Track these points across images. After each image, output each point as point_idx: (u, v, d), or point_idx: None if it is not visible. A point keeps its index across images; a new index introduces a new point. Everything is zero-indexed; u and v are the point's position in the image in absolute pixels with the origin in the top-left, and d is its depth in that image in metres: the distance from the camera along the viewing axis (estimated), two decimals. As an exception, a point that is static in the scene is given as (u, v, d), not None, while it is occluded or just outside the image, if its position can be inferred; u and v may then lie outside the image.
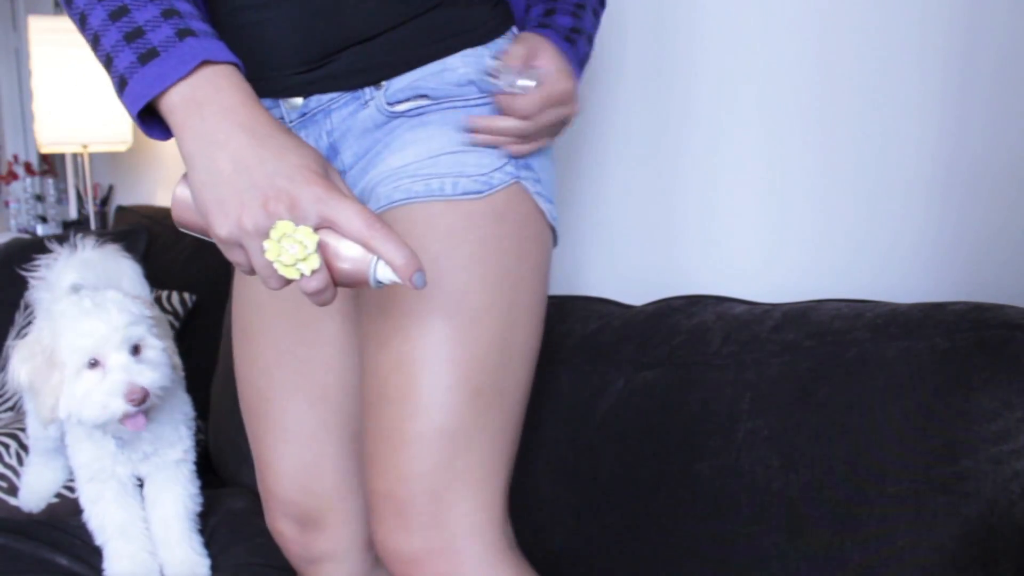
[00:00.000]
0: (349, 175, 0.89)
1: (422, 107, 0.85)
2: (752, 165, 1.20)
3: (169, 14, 0.69)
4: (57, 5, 3.78)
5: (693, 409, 1.00)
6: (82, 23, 0.73)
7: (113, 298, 1.20)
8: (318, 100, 0.87)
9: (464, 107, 0.86)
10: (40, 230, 3.43)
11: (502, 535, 0.85)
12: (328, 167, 0.69)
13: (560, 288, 1.45)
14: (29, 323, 1.67)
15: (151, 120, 0.71)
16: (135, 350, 1.18)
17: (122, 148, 2.84)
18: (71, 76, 2.67)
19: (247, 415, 1.03)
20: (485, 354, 0.82)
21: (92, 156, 3.24)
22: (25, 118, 4.54)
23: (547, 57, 0.86)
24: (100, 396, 1.14)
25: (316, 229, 0.65)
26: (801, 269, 1.16)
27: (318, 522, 1.00)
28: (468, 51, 0.86)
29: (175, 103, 0.67)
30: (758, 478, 0.92)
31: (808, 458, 0.89)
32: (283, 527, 1.02)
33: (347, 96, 0.86)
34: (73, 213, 3.51)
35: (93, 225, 3.19)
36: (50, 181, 3.59)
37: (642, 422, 1.05)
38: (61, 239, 1.51)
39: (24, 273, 1.42)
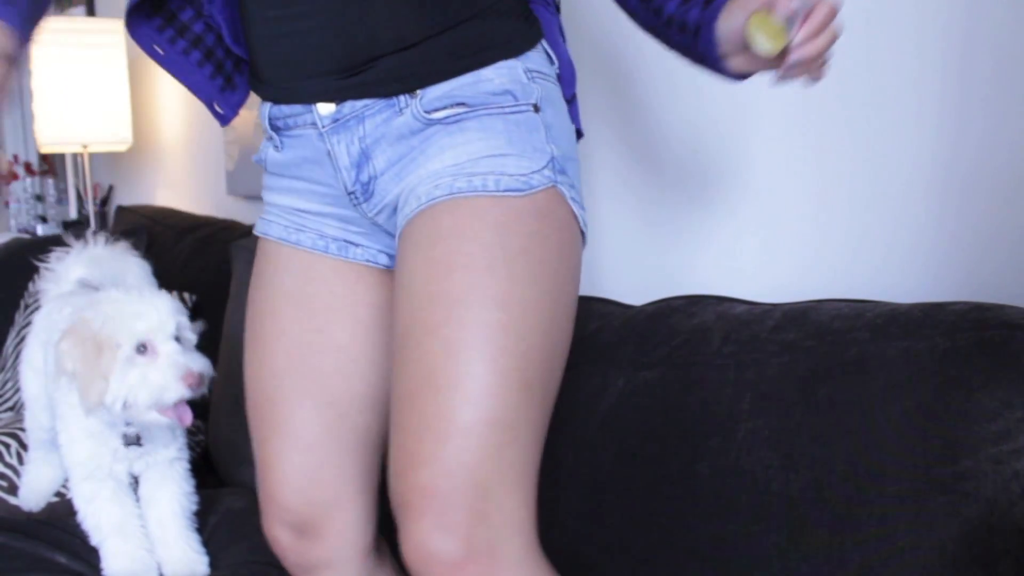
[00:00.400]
0: (380, 180, 0.90)
1: (459, 114, 0.87)
2: (752, 165, 1.20)
3: None
4: (57, 5, 3.78)
5: (693, 409, 1.00)
6: None
7: (158, 291, 1.24)
8: (352, 106, 0.89)
9: (501, 114, 0.87)
10: (40, 230, 3.43)
11: (537, 537, 0.83)
12: None
13: (560, 288, 1.45)
14: (28, 323, 1.67)
15: None
16: (178, 339, 1.20)
17: (122, 148, 2.84)
18: (71, 76, 2.67)
19: (253, 418, 1.02)
20: (535, 347, 0.82)
21: (92, 156, 3.24)
22: (25, 118, 4.53)
23: None
24: (158, 379, 1.16)
25: None
26: (801, 269, 1.16)
27: (315, 530, 1.00)
28: (501, 63, 0.88)
29: None
30: (758, 478, 0.92)
31: (808, 458, 0.89)
32: (279, 534, 1.01)
33: (381, 103, 0.88)
34: (73, 213, 3.50)
35: (93, 225, 3.19)
36: (50, 181, 3.58)
37: (642, 422, 1.05)
38: (77, 235, 1.52)
39: (37, 263, 1.44)
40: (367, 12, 0.85)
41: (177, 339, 1.20)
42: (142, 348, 1.17)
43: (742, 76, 0.87)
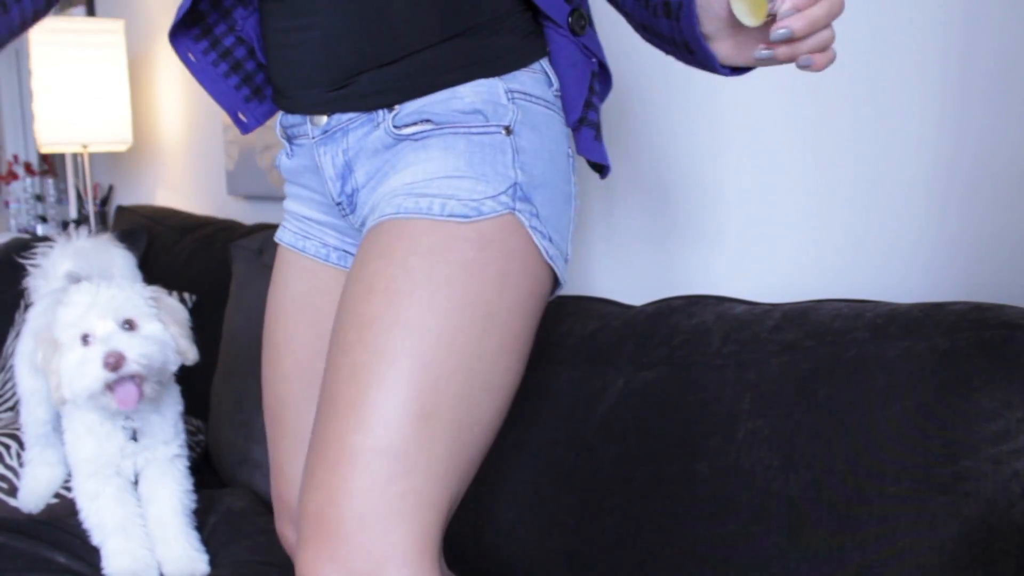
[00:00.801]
0: (361, 193, 0.91)
1: (425, 131, 0.86)
2: (752, 165, 1.20)
3: None
4: (57, 5, 3.78)
5: (693, 409, 1.00)
6: None
7: (112, 281, 1.23)
8: (338, 119, 0.90)
9: (466, 133, 0.85)
10: (40, 230, 3.43)
11: (434, 566, 0.79)
12: None
13: (560, 288, 1.45)
14: (24, 321, 1.67)
15: None
16: (129, 325, 1.20)
17: (122, 148, 2.84)
18: (71, 76, 2.67)
19: (267, 420, 1.05)
20: (445, 379, 0.79)
21: (92, 156, 3.24)
22: (25, 118, 4.54)
23: None
24: (82, 364, 1.16)
25: None
26: (801, 269, 1.16)
27: None
28: (481, 81, 0.87)
29: None
30: (758, 478, 0.92)
31: (808, 458, 0.89)
32: (290, 533, 1.03)
33: (363, 117, 0.89)
34: (73, 213, 3.50)
35: (93, 225, 3.19)
36: (50, 181, 3.58)
37: (642, 422, 1.05)
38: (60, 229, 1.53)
39: (22, 261, 1.45)
40: (354, 28, 0.86)
41: (132, 324, 1.20)
42: (86, 339, 1.18)
43: (736, 70, 0.80)
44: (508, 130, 0.86)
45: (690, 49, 0.80)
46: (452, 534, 1.20)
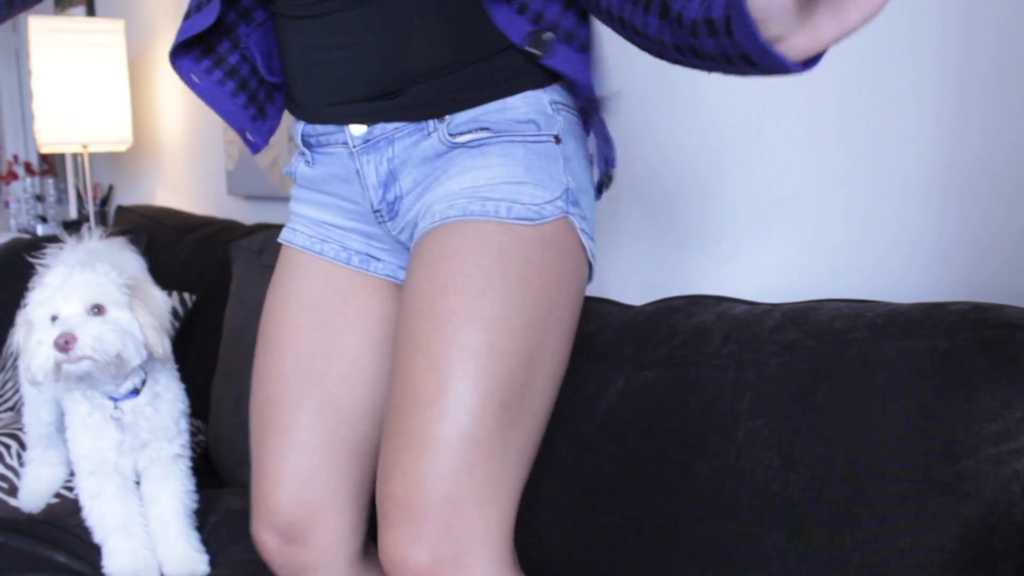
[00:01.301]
0: (405, 200, 0.94)
1: (483, 139, 0.89)
2: (752, 165, 1.20)
3: None
4: (57, 5, 3.78)
5: (693, 409, 1.00)
6: None
7: (94, 263, 1.23)
8: (383, 128, 0.92)
9: (523, 141, 0.90)
10: (40, 230, 3.43)
11: (510, 553, 0.86)
12: None
13: (560, 288, 1.45)
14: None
15: None
16: (98, 310, 1.19)
17: (122, 148, 2.84)
18: (71, 76, 2.68)
19: (254, 418, 1.04)
20: (516, 370, 0.84)
21: (92, 156, 3.24)
22: (25, 118, 4.54)
23: None
24: (38, 344, 1.17)
25: None
26: (801, 269, 1.16)
27: (304, 534, 1.00)
28: (528, 92, 0.90)
29: None
30: (758, 478, 0.92)
31: (808, 458, 0.89)
32: (266, 537, 1.02)
33: (411, 127, 0.91)
34: (73, 213, 3.51)
35: (93, 225, 3.19)
36: (50, 181, 3.58)
37: (642, 422, 1.05)
38: (71, 232, 1.52)
39: (31, 260, 1.45)
40: (404, 43, 0.88)
41: (101, 309, 1.19)
42: (55, 319, 1.19)
43: (810, 62, 0.68)
44: (557, 139, 0.91)
45: (751, 61, 0.69)
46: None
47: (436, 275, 0.87)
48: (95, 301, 1.19)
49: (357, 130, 0.93)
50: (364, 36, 0.89)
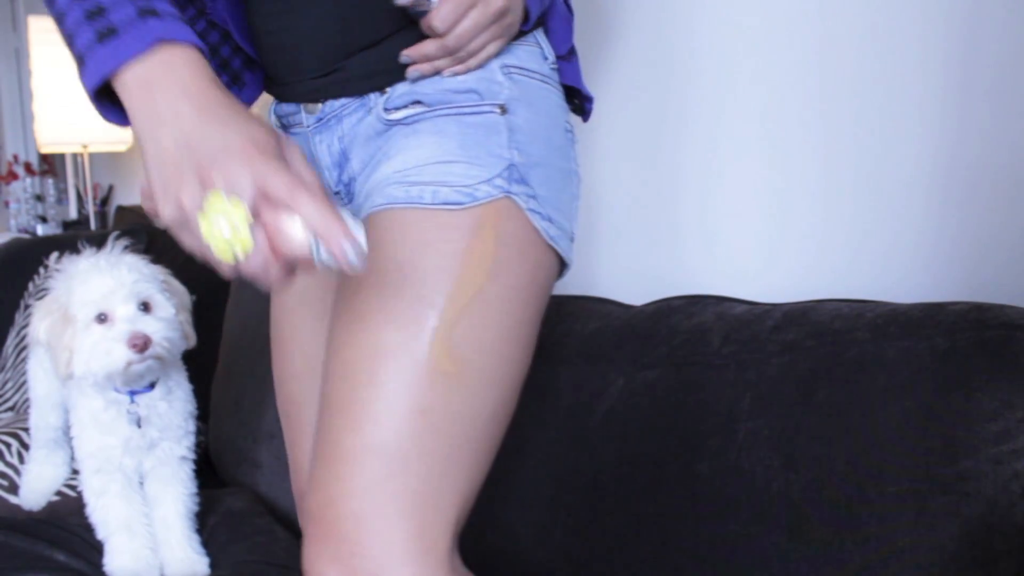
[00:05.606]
0: (358, 181, 0.88)
1: (416, 114, 0.82)
2: (752, 165, 1.20)
3: None
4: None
5: (693, 409, 1.00)
6: (51, 3, 0.72)
7: (127, 259, 1.23)
8: (331, 106, 0.86)
9: (459, 114, 0.81)
10: (40, 230, 3.43)
11: (444, 569, 0.77)
12: (285, 145, 0.65)
13: (560, 288, 1.45)
14: (28, 323, 1.67)
15: (109, 103, 0.70)
16: (145, 307, 1.20)
17: (122, 148, 2.85)
18: (71, 76, 2.67)
19: (284, 421, 1.04)
20: (437, 372, 0.76)
21: (92, 156, 3.24)
22: (25, 118, 4.54)
23: None
24: (104, 344, 1.16)
25: (254, 210, 0.61)
26: (801, 269, 1.16)
27: None
28: None
29: (128, 83, 0.65)
30: (758, 478, 0.92)
31: (808, 458, 0.89)
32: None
33: (356, 103, 0.85)
34: (73, 213, 3.51)
35: (93, 225, 3.19)
36: (50, 181, 3.59)
37: (642, 422, 1.05)
38: (91, 239, 1.51)
39: (51, 265, 1.45)
40: (339, 7, 0.81)
41: (147, 306, 1.20)
42: (102, 317, 1.18)
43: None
44: (503, 109, 0.82)
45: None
46: (452, 534, 1.20)
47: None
48: (144, 299, 1.20)
49: (312, 108, 0.87)
50: (309, 3, 0.82)
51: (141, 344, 1.16)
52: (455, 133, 0.81)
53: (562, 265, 0.89)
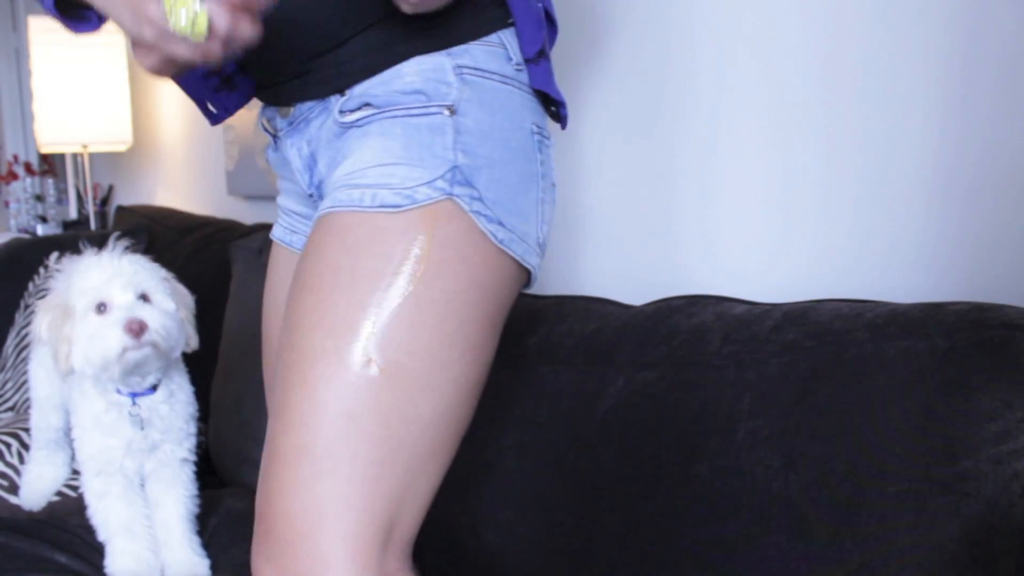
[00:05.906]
0: (326, 183, 0.88)
1: (366, 117, 0.82)
2: (752, 165, 1.20)
3: None
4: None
5: (692, 409, 1.00)
6: None
7: (128, 255, 1.23)
8: (300, 109, 0.87)
9: (404, 116, 0.81)
10: (40, 230, 3.43)
11: (368, 572, 0.77)
12: None
13: (560, 288, 1.45)
14: (29, 323, 1.68)
15: (68, 18, 0.79)
16: (144, 299, 1.20)
17: (122, 148, 2.85)
18: (71, 76, 2.68)
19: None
20: (366, 377, 0.76)
21: (92, 156, 3.24)
22: (25, 118, 4.54)
23: None
24: (101, 330, 1.16)
25: None
26: (801, 269, 1.16)
27: None
28: (424, 58, 0.81)
29: None
30: (758, 478, 0.92)
31: (808, 458, 0.89)
32: None
33: (320, 106, 0.86)
34: (73, 213, 3.50)
35: (93, 225, 3.19)
36: (50, 181, 3.59)
37: (642, 422, 1.05)
38: (91, 239, 1.51)
39: (52, 265, 1.45)
40: (302, 9, 0.81)
41: (146, 298, 1.20)
42: (101, 307, 1.18)
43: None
44: (451, 110, 0.81)
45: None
46: (452, 534, 1.20)
47: (297, 275, 0.81)
48: (143, 290, 1.20)
49: (284, 112, 0.88)
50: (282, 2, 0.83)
51: (137, 328, 1.15)
52: (400, 135, 0.80)
53: (525, 269, 0.88)
